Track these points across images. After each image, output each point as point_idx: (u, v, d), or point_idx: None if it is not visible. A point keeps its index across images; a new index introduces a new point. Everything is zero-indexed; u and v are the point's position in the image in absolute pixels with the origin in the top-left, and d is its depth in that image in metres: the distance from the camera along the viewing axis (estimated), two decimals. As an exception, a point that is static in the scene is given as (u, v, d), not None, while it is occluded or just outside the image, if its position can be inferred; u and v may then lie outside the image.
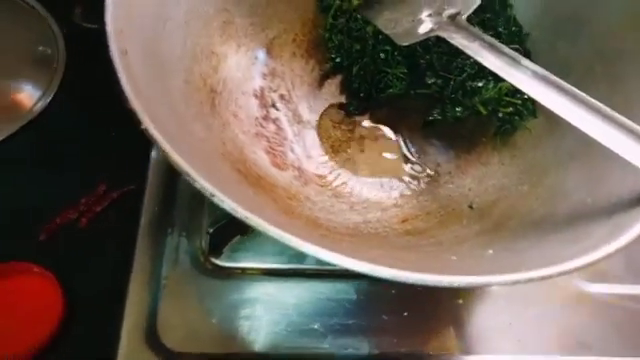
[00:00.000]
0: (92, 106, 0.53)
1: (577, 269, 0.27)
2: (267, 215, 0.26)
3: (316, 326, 0.39)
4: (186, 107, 0.36)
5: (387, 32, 0.44)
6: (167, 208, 0.42)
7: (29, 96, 0.53)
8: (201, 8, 0.41)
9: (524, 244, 0.34)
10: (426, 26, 0.43)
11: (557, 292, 0.42)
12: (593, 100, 0.33)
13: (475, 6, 0.44)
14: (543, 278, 0.27)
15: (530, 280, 0.27)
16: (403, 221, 0.41)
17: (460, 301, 0.42)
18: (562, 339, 0.40)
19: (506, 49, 0.39)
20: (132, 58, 0.31)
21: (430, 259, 0.34)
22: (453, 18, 0.43)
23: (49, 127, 0.52)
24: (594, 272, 0.43)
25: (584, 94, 0.34)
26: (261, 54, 0.47)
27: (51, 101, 0.53)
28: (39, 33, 0.56)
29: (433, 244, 0.37)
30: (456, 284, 0.25)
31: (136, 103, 0.27)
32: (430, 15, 0.44)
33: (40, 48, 0.55)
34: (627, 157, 0.31)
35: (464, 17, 0.43)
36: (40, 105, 0.52)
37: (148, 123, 0.27)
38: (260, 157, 0.41)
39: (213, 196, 0.26)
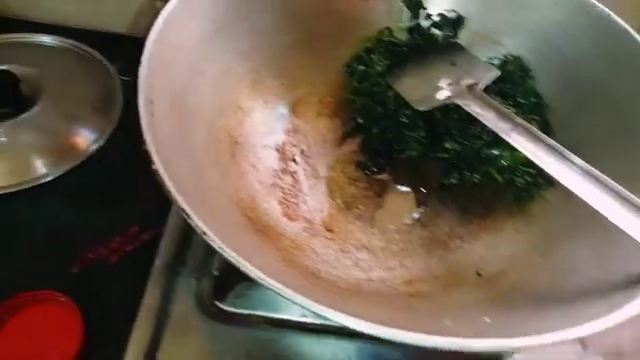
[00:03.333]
0: (138, 153, 0.57)
1: (562, 342, 0.26)
2: (264, 261, 0.27)
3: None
4: (205, 155, 0.39)
5: (407, 98, 0.46)
6: (183, 249, 0.44)
7: (85, 139, 0.58)
8: (234, 67, 0.45)
9: (523, 315, 0.32)
10: (444, 93, 0.45)
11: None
12: (609, 179, 0.33)
13: (493, 77, 0.45)
14: (527, 347, 0.26)
15: (514, 348, 0.26)
16: (407, 283, 0.40)
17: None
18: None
19: (520, 120, 0.39)
20: (158, 107, 0.34)
21: (424, 321, 0.33)
22: (471, 88, 0.44)
23: (98, 169, 0.57)
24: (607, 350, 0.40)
25: (598, 172, 0.34)
26: (286, 111, 0.50)
27: (103, 146, 0.58)
28: (101, 83, 0.63)
29: (432, 308, 0.36)
30: (440, 345, 0.25)
31: (151, 145, 0.30)
32: (450, 84, 0.46)
33: (101, 96, 0.62)
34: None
35: (482, 87, 0.44)
36: (93, 148, 0.58)
37: (158, 164, 0.30)
38: (272, 207, 0.43)
39: (205, 234, 0.27)
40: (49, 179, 0.54)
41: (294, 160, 0.48)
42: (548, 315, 0.32)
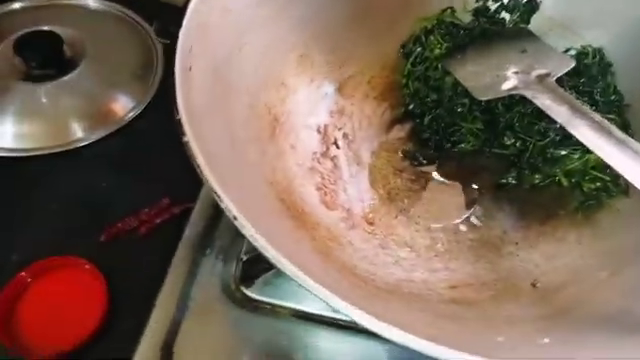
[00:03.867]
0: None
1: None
2: (298, 252, 0.24)
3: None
4: (244, 130, 0.37)
5: (467, 85, 0.42)
6: (211, 229, 0.41)
7: (123, 106, 0.57)
8: (283, 38, 0.42)
9: (589, 339, 0.28)
10: (510, 83, 0.41)
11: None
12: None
13: (568, 68, 0.40)
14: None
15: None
16: (452, 287, 0.37)
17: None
18: None
19: (597, 117, 0.35)
20: (196, 75, 0.31)
21: (472, 335, 0.30)
22: (542, 79, 0.40)
23: (134, 137, 0.55)
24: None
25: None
26: (332, 91, 0.46)
27: (140, 113, 0.57)
28: (144, 49, 0.61)
29: (480, 318, 0.32)
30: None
31: (184, 115, 0.28)
32: (517, 72, 0.41)
33: (142, 63, 0.60)
34: None
35: (554, 79, 0.39)
36: (130, 115, 0.56)
37: (190, 135, 0.27)
38: (309, 192, 0.39)
39: (235, 219, 0.25)
40: (84, 144, 0.53)
41: (336, 144, 0.45)
42: (621, 340, 0.28)
